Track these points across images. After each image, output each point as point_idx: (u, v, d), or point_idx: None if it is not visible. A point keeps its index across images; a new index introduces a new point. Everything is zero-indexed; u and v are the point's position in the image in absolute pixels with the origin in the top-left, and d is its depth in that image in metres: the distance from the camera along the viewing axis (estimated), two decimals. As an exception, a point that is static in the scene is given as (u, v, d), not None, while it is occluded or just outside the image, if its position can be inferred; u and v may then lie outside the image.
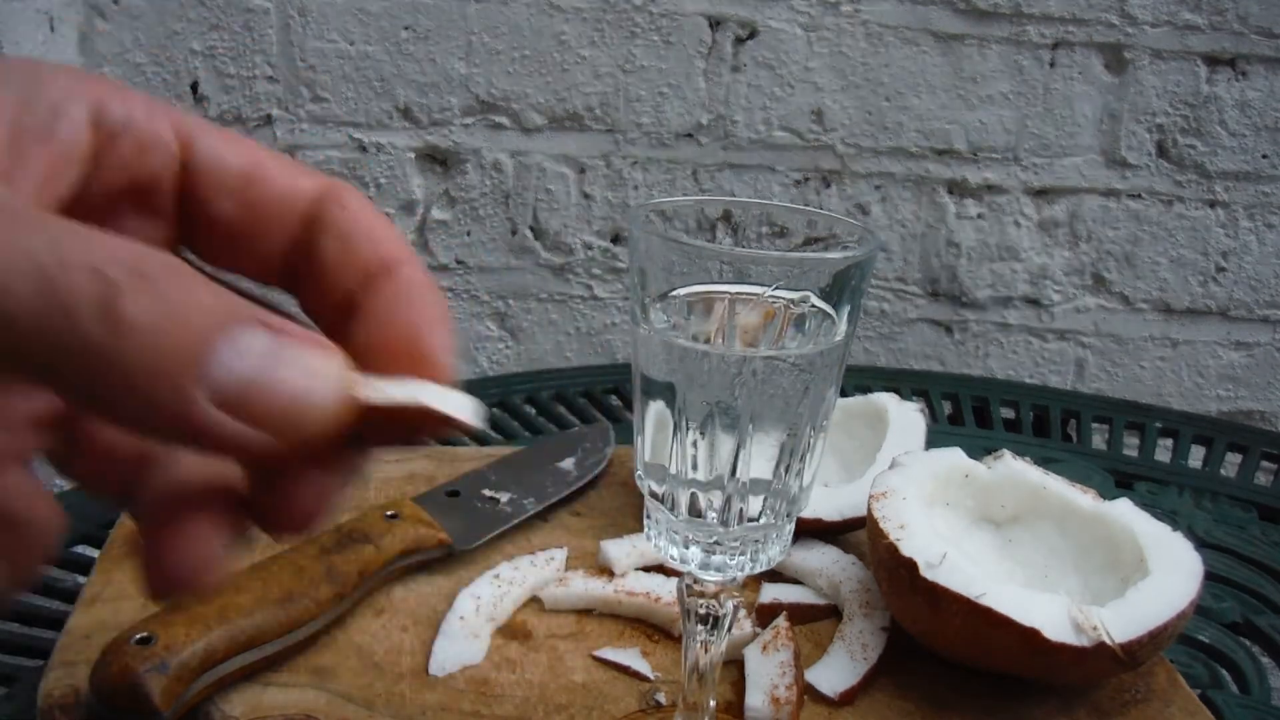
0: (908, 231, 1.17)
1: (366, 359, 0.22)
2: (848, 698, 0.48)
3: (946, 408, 0.86)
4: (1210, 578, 0.57)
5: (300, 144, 1.10)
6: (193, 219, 0.25)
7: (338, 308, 0.24)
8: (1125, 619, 0.46)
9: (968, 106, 1.12)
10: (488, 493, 0.59)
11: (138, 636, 0.43)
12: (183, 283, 0.19)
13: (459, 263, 1.15)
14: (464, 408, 0.22)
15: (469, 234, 1.14)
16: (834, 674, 0.49)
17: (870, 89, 1.12)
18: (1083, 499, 0.54)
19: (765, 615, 0.53)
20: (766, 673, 0.48)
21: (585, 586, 0.53)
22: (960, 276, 1.18)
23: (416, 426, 0.22)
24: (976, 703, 0.49)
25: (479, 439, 0.73)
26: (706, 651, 0.42)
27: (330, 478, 0.23)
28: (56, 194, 0.22)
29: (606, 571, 0.55)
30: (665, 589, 0.53)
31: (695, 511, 0.38)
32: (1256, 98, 1.13)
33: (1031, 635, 0.45)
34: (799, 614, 0.54)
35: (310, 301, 0.26)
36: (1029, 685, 0.49)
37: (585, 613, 0.53)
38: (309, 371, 0.20)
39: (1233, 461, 0.82)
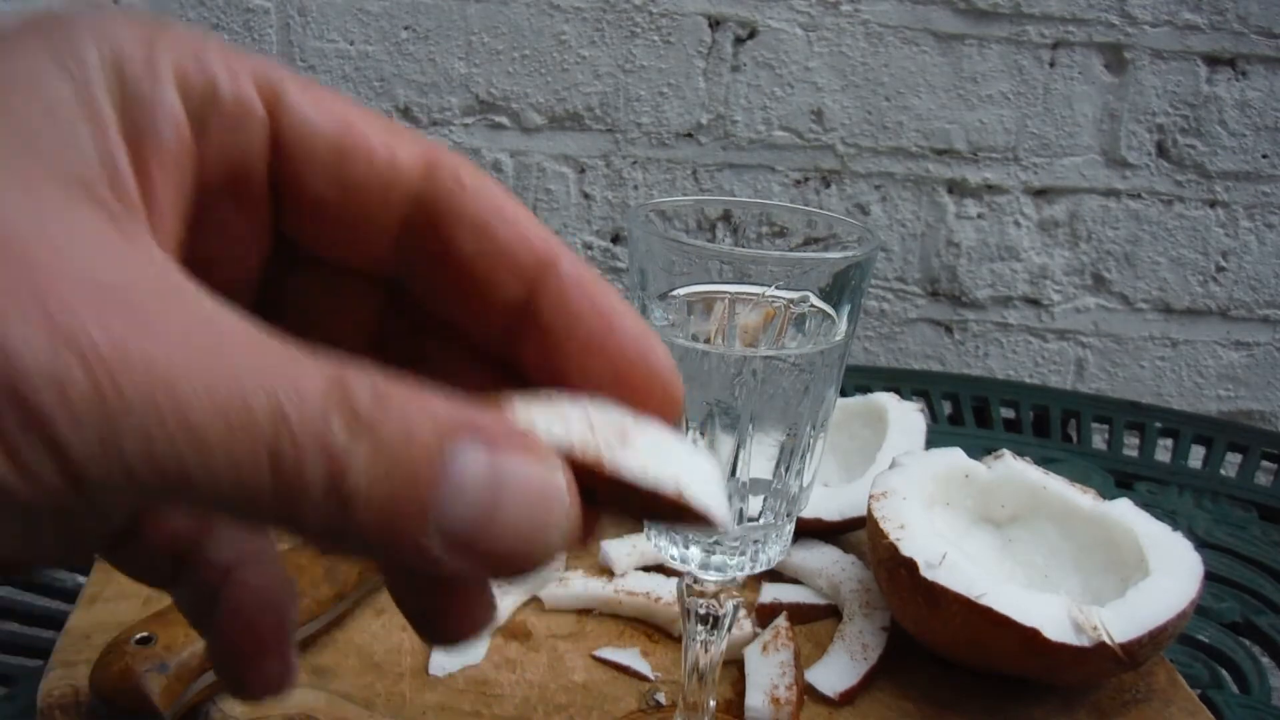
0: (908, 231, 1.16)
1: (578, 386, 0.21)
2: (848, 698, 0.48)
3: (946, 408, 0.86)
4: (1210, 578, 0.57)
5: (300, 144, 1.10)
6: (287, 200, 0.21)
7: (496, 319, 0.22)
8: (1125, 619, 0.46)
9: (968, 106, 1.12)
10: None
11: (138, 636, 0.43)
12: (396, 412, 0.17)
13: (459, 263, 1.15)
14: (718, 505, 0.20)
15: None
16: (834, 674, 0.49)
17: (870, 89, 1.12)
18: (1083, 499, 0.54)
19: (765, 615, 0.53)
20: (766, 673, 0.48)
21: (585, 586, 0.53)
22: (960, 276, 1.18)
23: (655, 512, 0.20)
24: (976, 703, 0.49)
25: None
26: (706, 651, 0.42)
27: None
28: (183, 222, 0.20)
29: (607, 571, 0.55)
30: (665, 589, 0.53)
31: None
32: (1256, 98, 1.13)
33: (1031, 635, 0.45)
34: (799, 614, 0.54)
35: (454, 308, 0.22)
36: (1029, 685, 0.49)
37: (585, 613, 0.53)
38: (535, 501, 0.18)
39: (1233, 461, 0.82)
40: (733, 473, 0.37)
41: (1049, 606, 0.46)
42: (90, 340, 0.15)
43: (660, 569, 0.55)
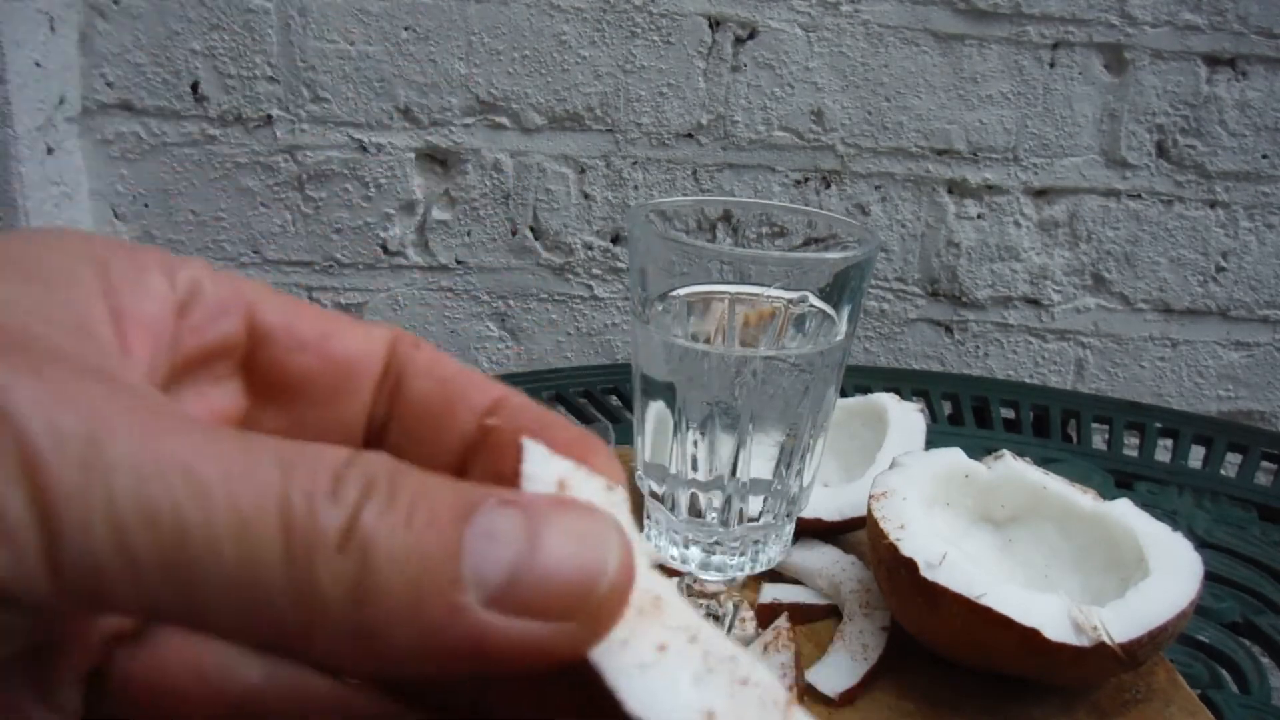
0: (908, 231, 1.17)
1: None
2: (848, 698, 0.48)
3: (946, 408, 0.86)
4: (1210, 578, 0.57)
5: (300, 144, 1.10)
6: (266, 382, 0.23)
7: (453, 451, 0.22)
8: (1125, 619, 0.46)
9: (968, 106, 1.12)
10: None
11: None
12: (414, 481, 0.16)
13: (459, 263, 1.15)
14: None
15: (469, 234, 1.14)
16: (834, 674, 0.49)
17: (870, 89, 1.12)
18: (1083, 499, 0.54)
19: (765, 615, 0.53)
20: (766, 673, 0.48)
21: None
22: (960, 276, 1.18)
23: None
24: (976, 703, 0.49)
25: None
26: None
27: None
28: (159, 380, 0.20)
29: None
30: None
31: (695, 511, 0.38)
32: (1256, 98, 1.13)
33: (1031, 635, 0.45)
34: (799, 614, 0.54)
35: (414, 450, 0.23)
36: (1029, 685, 0.49)
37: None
38: (575, 536, 0.17)
39: (1233, 461, 0.82)
40: (733, 473, 0.37)
41: (1049, 606, 0.46)
42: (94, 403, 0.15)
43: (660, 569, 0.55)
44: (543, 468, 0.19)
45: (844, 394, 0.66)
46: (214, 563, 0.15)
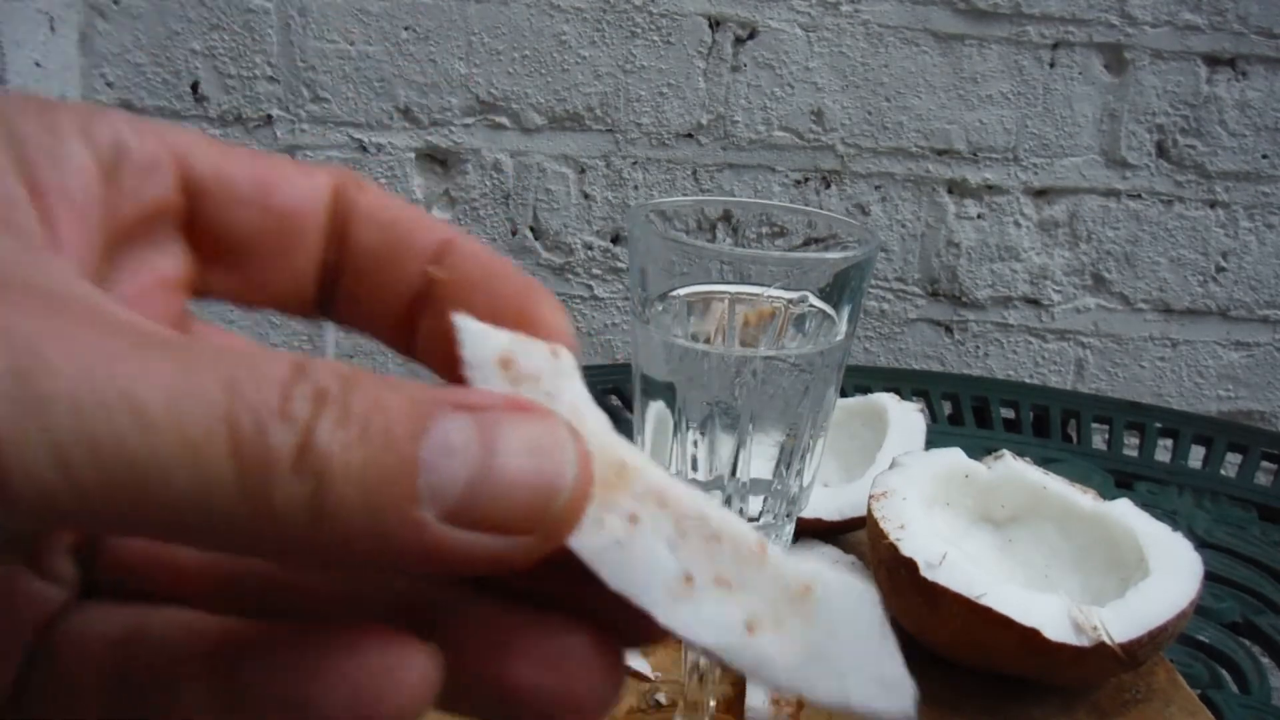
0: (908, 231, 1.17)
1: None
2: (848, 698, 0.48)
3: (946, 408, 0.86)
4: (1210, 578, 0.57)
5: (300, 144, 1.10)
6: (208, 241, 0.21)
7: (404, 301, 0.22)
8: (1125, 619, 0.46)
9: (968, 106, 1.12)
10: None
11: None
12: (367, 390, 0.16)
13: (459, 263, 1.15)
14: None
15: (469, 234, 1.14)
16: (834, 674, 0.49)
17: (870, 89, 1.12)
18: (1083, 499, 0.54)
19: (765, 615, 0.53)
20: (766, 673, 0.48)
21: None
22: (960, 276, 1.18)
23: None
24: (976, 703, 0.49)
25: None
26: (706, 651, 0.42)
27: None
28: (93, 262, 0.19)
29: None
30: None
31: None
32: (1256, 98, 1.13)
33: (1031, 635, 0.45)
34: (799, 614, 0.54)
35: (366, 305, 0.22)
36: (1029, 685, 0.49)
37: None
38: (531, 449, 0.16)
39: (1233, 461, 0.82)
40: (733, 473, 0.37)
41: (1049, 606, 0.46)
42: (20, 332, 0.14)
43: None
44: (482, 348, 0.19)
45: (844, 394, 0.66)
46: (166, 492, 0.15)
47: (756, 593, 0.18)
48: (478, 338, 0.19)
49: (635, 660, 0.50)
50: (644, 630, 0.18)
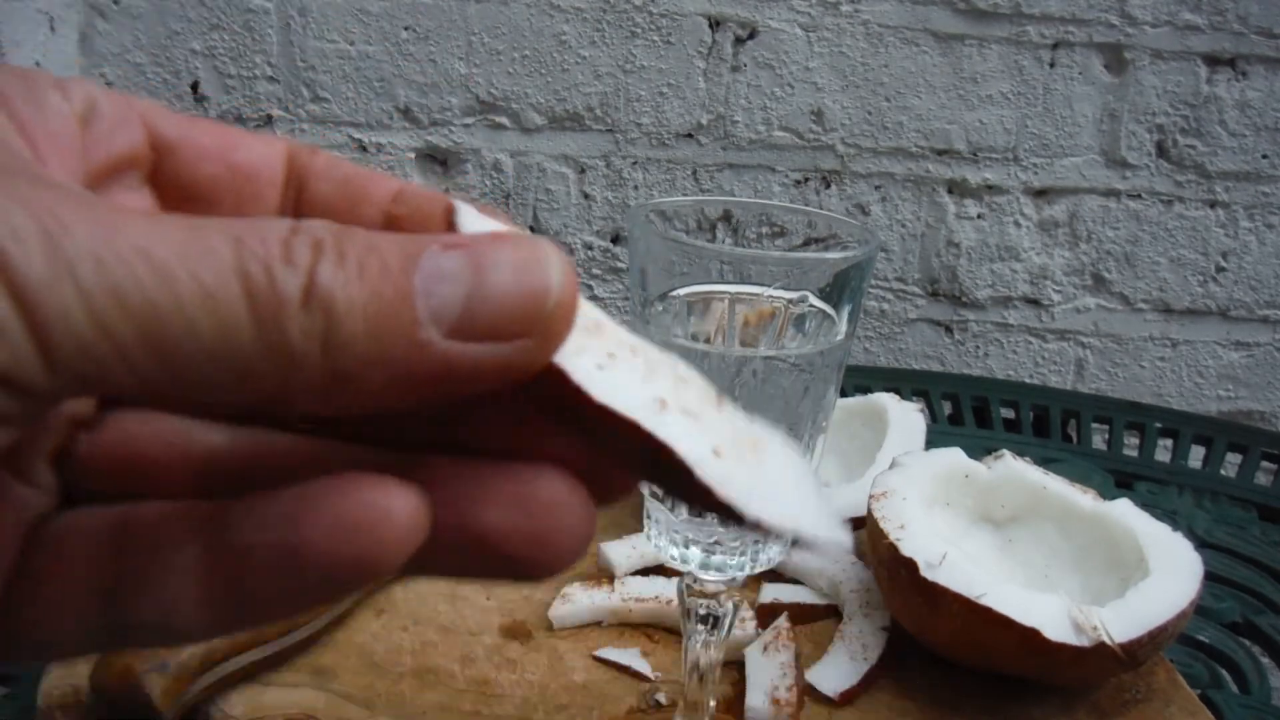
0: (908, 231, 1.17)
1: None
2: (848, 698, 0.48)
3: (946, 408, 0.86)
4: (1210, 578, 0.57)
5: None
6: (173, 191, 0.23)
7: None
8: (1125, 619, 0.46)
9: (968, 106, 1.12)
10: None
11: (138, 636, 0.43)
12: (360, 237, 0.17)
13: (459, 263, 1.15)
14: (835, 536, 0.19)
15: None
16: (834, 674, 0.49)
17: (870, 89, 1.12)
18: (1083, 499, 0.54)
19: (765, 615, 0.53)
20: (767, 673, 0.48)
21: (591, 599, 0.53)
22: (960, 276, 1.18)
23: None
24: (976, 703, 0.49)
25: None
26: (707, 651, 0.42)
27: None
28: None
29: (604, 578, 0.55)
30: (671, 591, 0.53)
31: (695, 512, 0.38)
32: (1256, 98, 1.13)
33: (1031, 635, 0.45)
34: (799, 614, 0.54)
35: None
36: (1029, 685, 0.49)
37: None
38: (518, 263, 0.18)
39: (1233, 461, 0.82)
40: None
41: (1049, 606, 0.46)
42: (40, 202, 0.16)
43: (660, 570, 0.55)
44: (476, 226, 0.20)
45: (844, 394, 0.66)
46: (190, 335, 0.16)
47: (718, 429, 0.19)
48: (473, 219, 0.20)
49: (635, 660, 0.50)
50: (617, 481, 0.20)
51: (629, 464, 0.20)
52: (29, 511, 0.20)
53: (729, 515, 0.19)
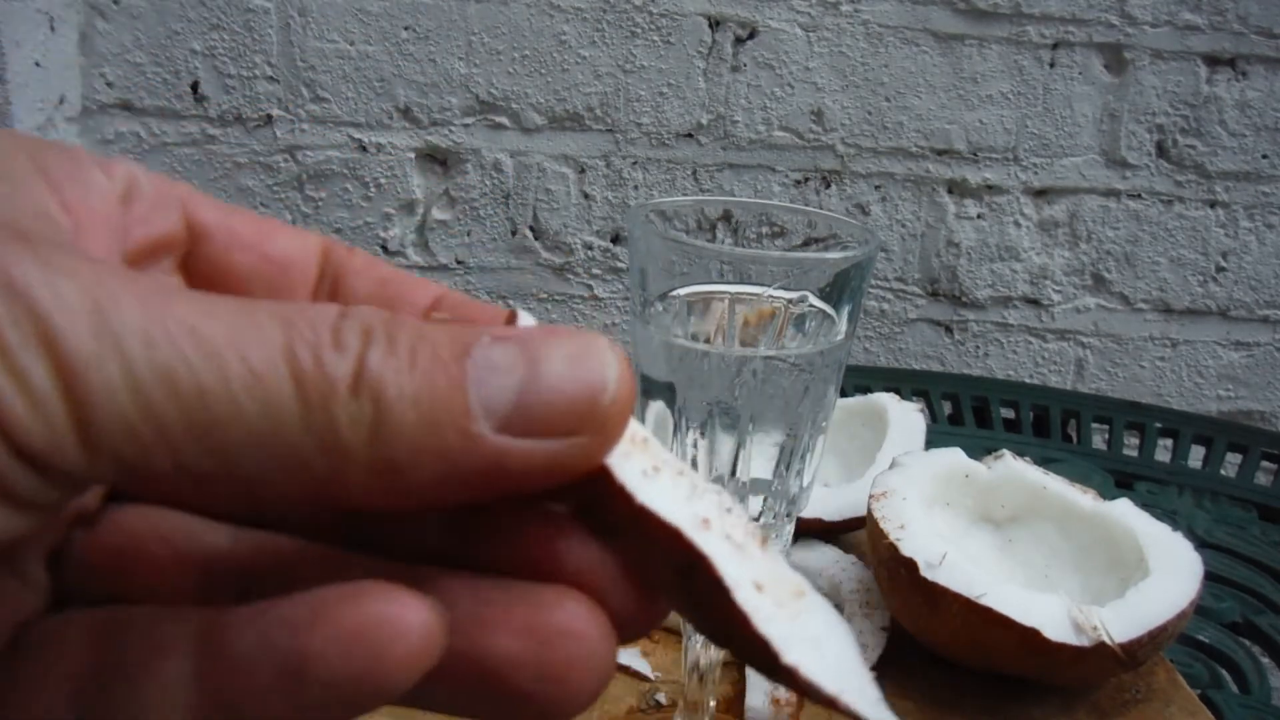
0: (908, 231, 1.17)
1: None
2: (848, 698, 0.48)
3: (946, 408, 0.86)
4: (1210, 578, 0.57)
5: (300, 144, 1.10)
6: (207, 279, 0.23)
7: None
8: (1125, 619, 0.46)
9: (968, 106, 1.12)
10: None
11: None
12: (410, 326, 0.17)
13: (459, 263, 1.15)
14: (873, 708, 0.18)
15: (469, 234, 1.14)
16: (834, 674, 0.49)
17: (870, 89, 1.12)
18: (1083, 499, 0.54)
19: (765, 615, 0.53)
20: (766, 673, 0.48)
21: None
22: (960, 276, 1.18)
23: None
24: (976, 703, 0.49)
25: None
26: (707, 651, 0.42)
27: None
28: None
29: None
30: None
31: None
32: (1256, 98, 1.13)
33: (1031, 635, 0.45)
34: (799, 614, 0.54)
35: None
36: (1029, 685, 0.49)
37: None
38: (573, 357, 0.17)
39: (1233, 461, 0.82)
40: (733, 473, 0.37)
41: (1049, 606, 0.46)
42: (88, 275, 0.15)
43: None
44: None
45: (844, 394, 0.66)
46: (236, 418, 0.15)
47: (760, 565, 0.18)
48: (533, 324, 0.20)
49: (635, 660, 0.50)
50: (643, 605, 0.18)
51: (661, 580, 0.18)
52: (20, 614, 0.19)
53: (761, 655, 0.17)
